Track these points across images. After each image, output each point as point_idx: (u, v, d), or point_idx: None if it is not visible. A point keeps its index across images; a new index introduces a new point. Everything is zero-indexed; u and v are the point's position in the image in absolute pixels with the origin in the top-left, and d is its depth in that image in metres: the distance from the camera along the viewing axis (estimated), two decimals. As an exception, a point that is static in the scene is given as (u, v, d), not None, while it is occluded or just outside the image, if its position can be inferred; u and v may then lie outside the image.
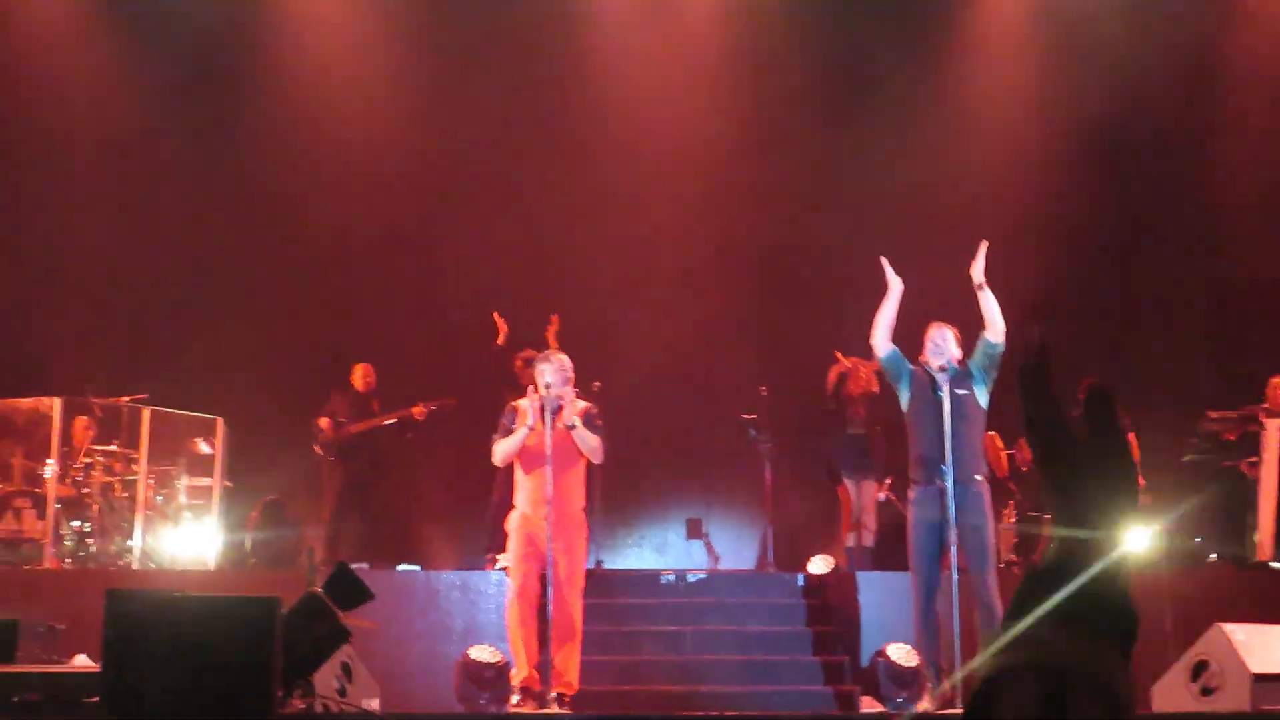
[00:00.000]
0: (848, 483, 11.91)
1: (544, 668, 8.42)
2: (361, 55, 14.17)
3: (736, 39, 14.52)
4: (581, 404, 8.82)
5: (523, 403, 8.79)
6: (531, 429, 8.44)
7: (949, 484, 7.81)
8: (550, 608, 8.39)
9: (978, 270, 8.24)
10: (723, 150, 14.27)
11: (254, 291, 13.56)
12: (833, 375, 12.12)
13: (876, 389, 11.76)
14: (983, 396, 8.24)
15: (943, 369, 8.05)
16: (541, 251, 13.87)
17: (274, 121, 13.91)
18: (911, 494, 8.14)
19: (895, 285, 8.19)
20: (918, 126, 14.36)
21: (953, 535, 7.77)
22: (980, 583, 7.85)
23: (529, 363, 11.47)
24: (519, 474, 8.77)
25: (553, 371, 8.62)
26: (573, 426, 8.57)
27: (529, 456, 8.64)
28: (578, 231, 14.03)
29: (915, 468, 8.12)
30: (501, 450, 8.64)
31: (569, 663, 8.54)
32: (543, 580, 8.53)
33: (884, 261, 8.18)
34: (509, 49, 14.20)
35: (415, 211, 13.76)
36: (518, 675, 8.56)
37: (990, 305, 8.23)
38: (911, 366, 8.33)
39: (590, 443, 8.66)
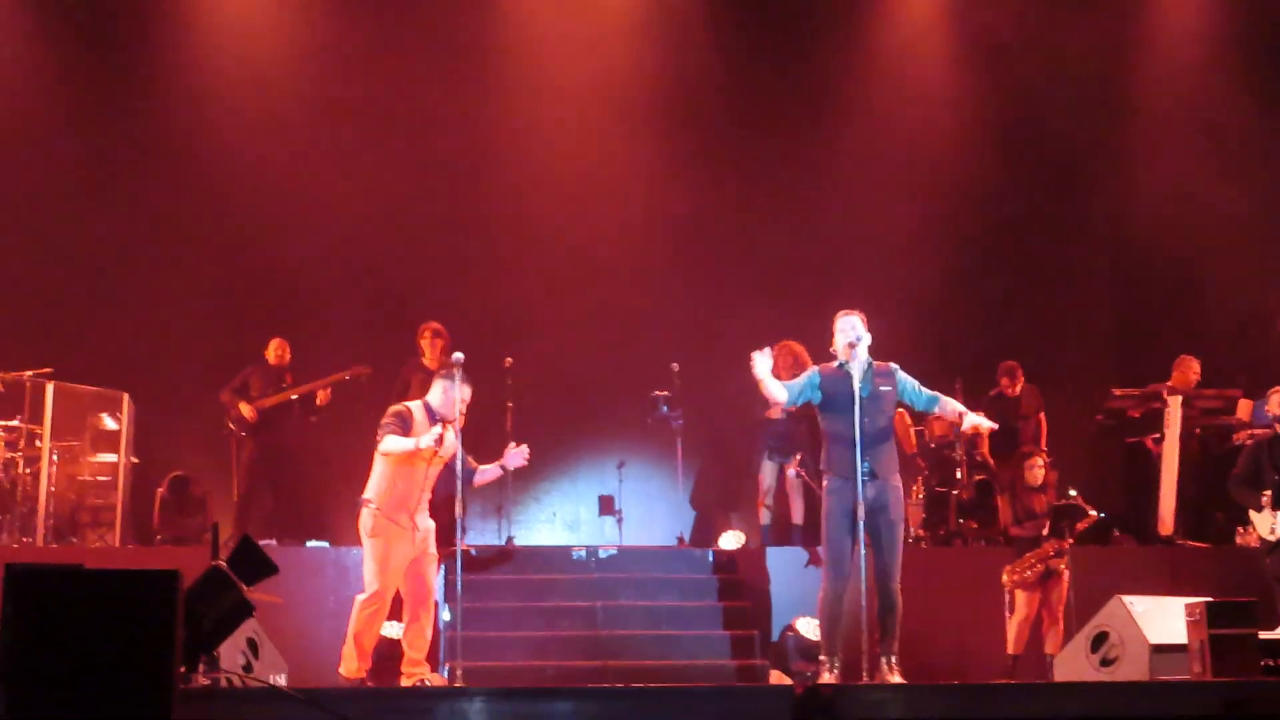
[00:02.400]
0: (765, 464, 11.94)
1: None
2: (276, 23, 13.95)
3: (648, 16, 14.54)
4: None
5: (413, 406, 8.70)
6: (434, 448, 8.38)
7: (866, 477, 7.86)
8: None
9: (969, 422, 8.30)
10: (640, 127, 14.26)
11: (161, 264, 13.33)
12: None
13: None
14: (896, 401, 8.30)
15: (852, 345, 8.08)
16: (455, 224, 13.78)
17: (184, 93, 13.67)
18: (828, 482, 8.15)
19: (762, 369, 8.10)
20: (836, 106, 14.47)
21: (862, 528, 7.84)
22: (889, 575, 7.94)
23: (438, 334, 11.44)
24: (392, 471, 8.62)
25: (467, 396, 8.58)
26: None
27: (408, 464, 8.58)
28: (491, 203, 13.96)
29: (834, 459, 8.12)
30: (394, 447, 8.48)
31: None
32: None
33: (756, 361, 8.08)
34: (428, 14, 14.09)
35: (329, 185, 13.57)
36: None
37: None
38: (817, 372, 8.30)
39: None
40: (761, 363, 8.06)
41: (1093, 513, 10.31)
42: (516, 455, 8.72)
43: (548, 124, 14.17)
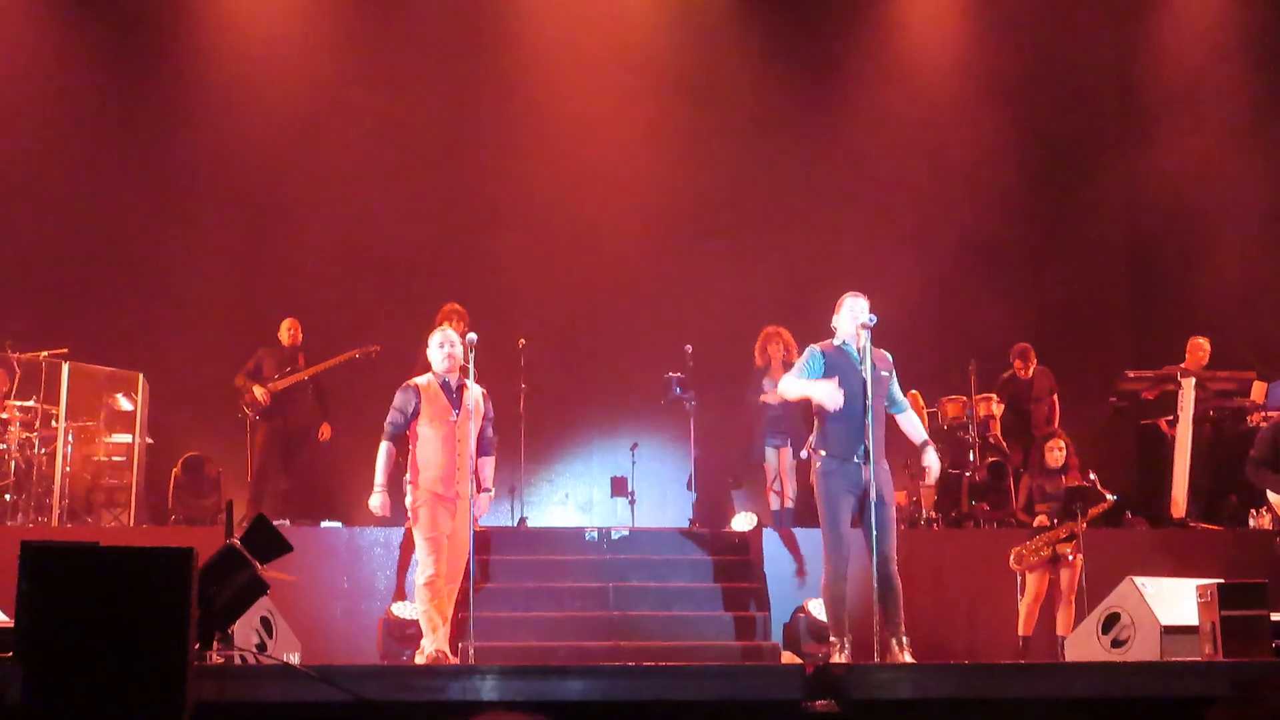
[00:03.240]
0: (767, 450, 11.93)
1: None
2: (290, 13, 13.98)
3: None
4: (479, 388, 8.73)
5: (421, 380, 8.73)
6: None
7: (868, 459, 7.87)
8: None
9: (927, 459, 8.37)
10: (652, 107, 14.28)
11: (175, 246, 13.39)
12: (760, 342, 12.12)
13: (795, 359, 11.78)
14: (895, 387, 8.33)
15: (865, 326, 8.07)
16: (468, 204, 13.82)
17: (200, 77, 13.72)
18: (821, 463, 8.14)
19: (828, 401, 8.09)
20: (848, 89, 14.45)
21: (869, 503, 7.86)
22: (887, 556, 7.94)
23: (459, 316, 11.45)
24: (419, 445, 8.64)
25: (460, 340, 8.69)
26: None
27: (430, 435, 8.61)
28: (505, 184, 13.99)
29: (831, 439, 8.11)
30: (379, 462, 8.64)
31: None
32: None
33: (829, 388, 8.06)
34: (438, 8, 14.11)
35: (344, 169, 13.65)
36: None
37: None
38: (820, 352, 8.28)
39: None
40: (814, 389, 8.09)
41: (1110, 497, 10.28)
42: (482, 501, 8.73)
43: (563, 105, 14.19)
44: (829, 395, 8.03)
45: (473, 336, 8.57)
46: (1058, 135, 14.55)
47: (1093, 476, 10.32)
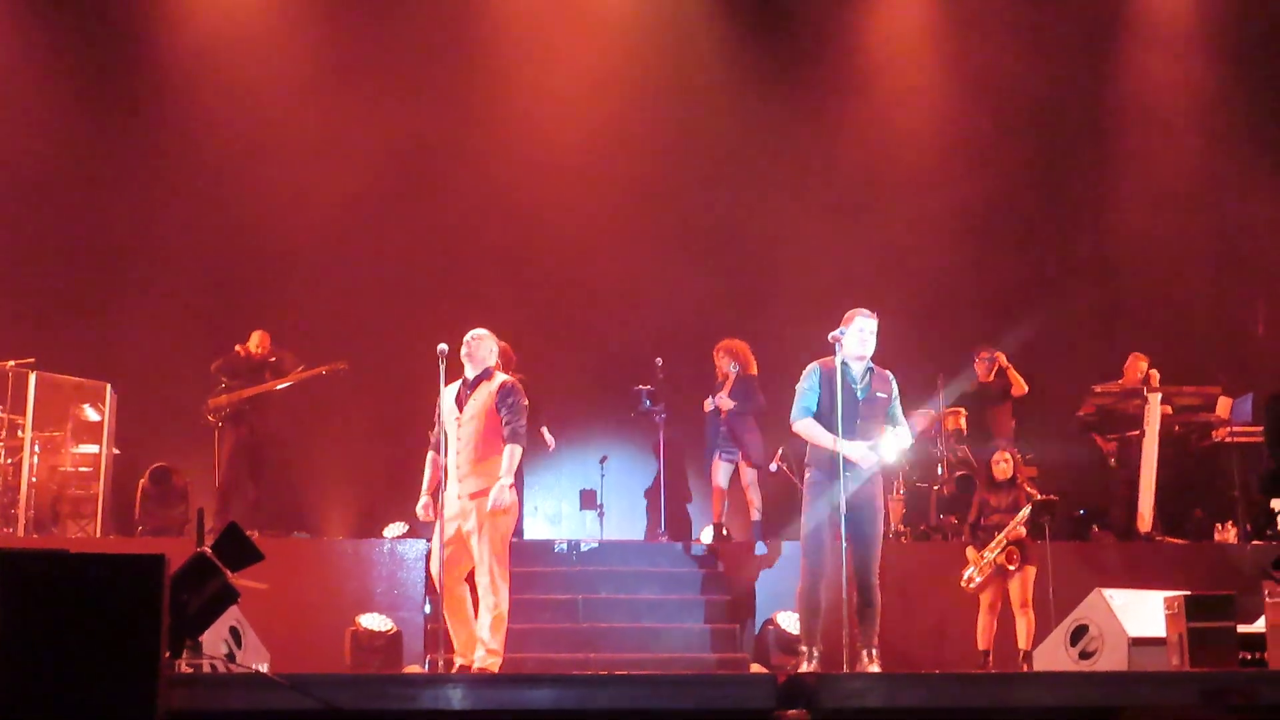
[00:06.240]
0: (721, 465, 11.83)
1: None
2: (270, 26, 13.94)
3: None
4: (501, 378, 8.62)
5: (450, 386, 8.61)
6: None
7: (849, 475, 7.88)
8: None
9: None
10: (626, 126, 14.32)
11: (144, 256, 13.34)
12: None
13: (754, 371, 11.82)
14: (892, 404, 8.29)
15: (861, 358, 8.10)
16: (439, 221, 13.79)
17: (170, 88, 13.67)
18: (809, 475, 8.17)
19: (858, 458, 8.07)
20: (826, 102, 14.55)
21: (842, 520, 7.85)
22: (868, 570, 7.98)
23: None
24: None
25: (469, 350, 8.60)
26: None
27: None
28: (475, 199, 13.98)
29: (818, 455, 8.13)
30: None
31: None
32: None
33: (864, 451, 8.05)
34: (419, 16, 14.12)
35: (316, 179, 13.58)
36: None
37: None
38: (820, 371, 8.23)
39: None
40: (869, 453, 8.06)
41: (1053, 497, 10.26)
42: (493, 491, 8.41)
43: (533, 122, 14.18)
44: (859, 455, 7.96)
45: (442, 347, 8.48)
46: (1033, 154, 14.65)
47: (1029, 490, 10.27)
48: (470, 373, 8.52)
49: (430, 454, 8.57)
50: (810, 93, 14.54)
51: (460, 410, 8.43)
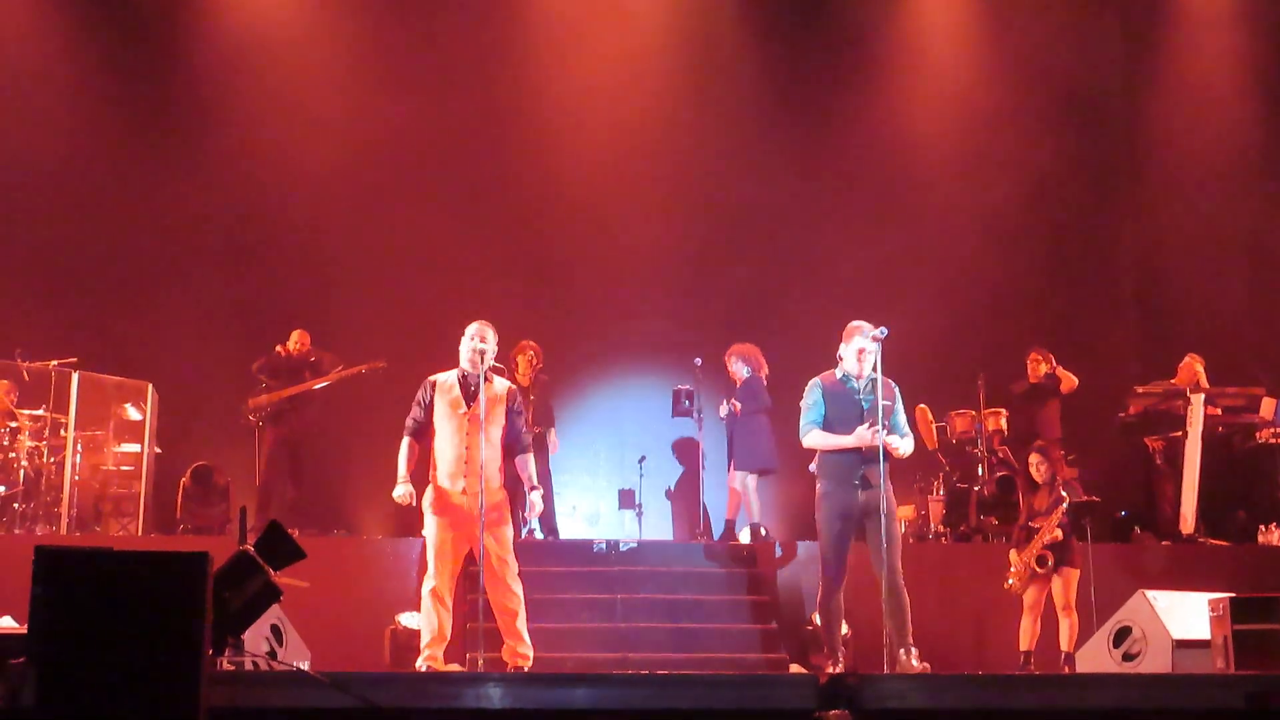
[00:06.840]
0: (735, 473, 11.85)
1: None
2: (305, 22, 14.01)
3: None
4: (505, 384, 8.56)
5: (439, 376, 8.48)
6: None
7: (866, 485, 7.92)
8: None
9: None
10: (665, 116, 14.31)
11: (186, 255, 13.41)
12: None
13: (764, 373, 11.84)
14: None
15: (859, 377, 8.13)
16: (478, 217, 13.80)
17: (210, 87, 13.74)
18: (821, 486, 8.21)
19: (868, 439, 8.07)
20: (861, 105, 14.50)
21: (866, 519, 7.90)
22: (894, 569, 7.98)
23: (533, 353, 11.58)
24: (437, 440, 8.44)
25: (486, 346, 8.44)
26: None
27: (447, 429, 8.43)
28: (513, 197, 14.00)
29: (828, 465, 8.17)
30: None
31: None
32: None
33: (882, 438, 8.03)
34: (453, 18, 14.14)
35: (353, 179, 13.64)
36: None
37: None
38: (821, 384, 8.29)
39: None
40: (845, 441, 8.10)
41: (1094, 499, 10.19)
42: (533, 499, 8.52)
43: (569, 118, 14.19)
44: (860, 439, 8.03)
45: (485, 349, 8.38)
46: (1069, 157, 14.55)
47: (1064, 493, 10.15)
48: (480, 366, 8.27)
49: (407, 440, 8.41)
50: (845, 90, 14.51)
51: (467, 405, 8.31)
